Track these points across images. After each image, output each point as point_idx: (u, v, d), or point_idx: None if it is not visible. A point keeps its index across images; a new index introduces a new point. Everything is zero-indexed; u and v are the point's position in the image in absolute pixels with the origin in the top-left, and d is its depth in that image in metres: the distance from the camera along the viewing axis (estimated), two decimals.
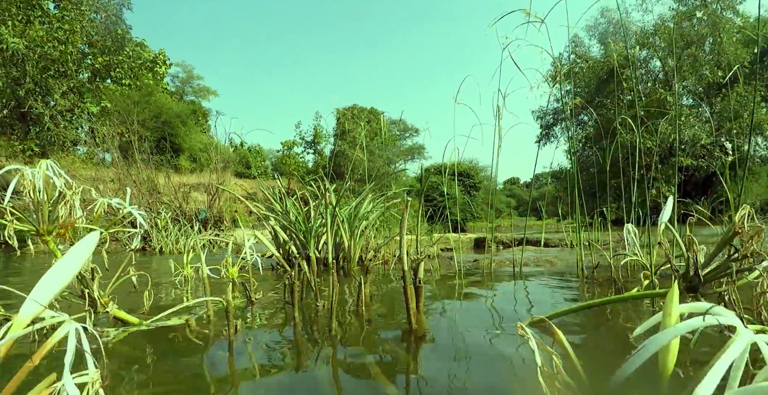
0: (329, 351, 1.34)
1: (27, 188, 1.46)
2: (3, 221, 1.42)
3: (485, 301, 2.17)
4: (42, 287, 0.59)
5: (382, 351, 1.35)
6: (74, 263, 0.62)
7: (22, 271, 4.41)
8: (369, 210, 3.64)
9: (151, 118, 12.30)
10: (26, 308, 0.57)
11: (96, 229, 1.58)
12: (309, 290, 2.49)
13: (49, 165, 1.45)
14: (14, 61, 8.39)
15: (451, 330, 1.61)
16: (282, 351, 1.36)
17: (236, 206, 8.77)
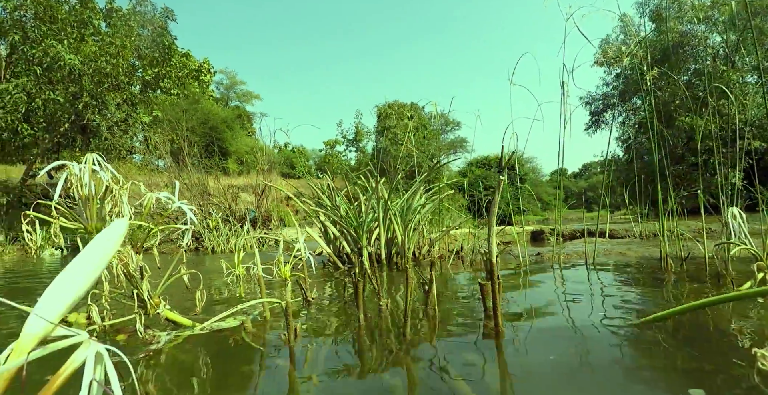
0: (401, 357, 1.17)
1: (74, 183, 1.38)
2: (49, 218, 1.34)
3: (563, 297, 1.93)
4: (53, 296, 0.45)
5: (460, 355, 1.17)
6: (97, 262, 0.47)
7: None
8: (422, 203, 3.45)
9: (199, 124, 12.66)
10: (31, 325, 0.43)
11: (146, 225, 1.49)
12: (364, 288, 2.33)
13: (95, 159, 1.37)
14: (72, 77, 8.82)
15: (534, 330, 1.39)
16: (347, 357, 1.20)
17: (283, 205, 8.84)
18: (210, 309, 1.87)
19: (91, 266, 0.47)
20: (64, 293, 0.45)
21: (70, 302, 0.45)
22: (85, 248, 0.48)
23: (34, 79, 8.77)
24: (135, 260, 1.31)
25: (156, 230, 1.51)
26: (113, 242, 0.49)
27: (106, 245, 0.49)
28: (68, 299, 0.45)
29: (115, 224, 0.50)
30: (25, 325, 0.43)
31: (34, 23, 9.22)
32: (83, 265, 0.47)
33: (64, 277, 0.46)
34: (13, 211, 10.58)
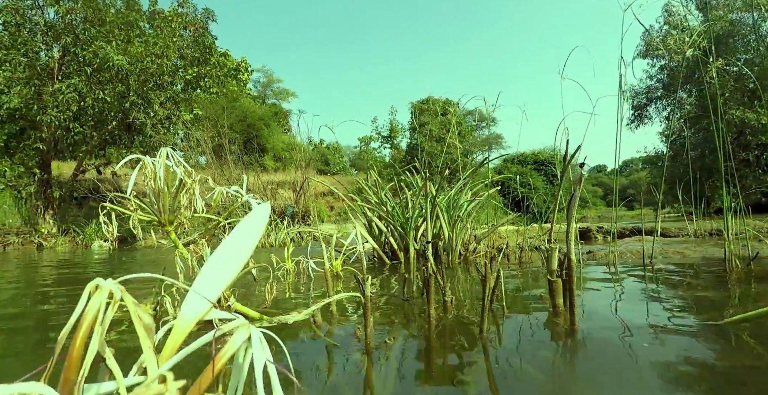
0: (475, 355, 1.14)
1: (148, 177, 1.41)
2: (127, 211, 1.38)
3: (627, 296, 1.85)
4: (207, 279, 0.44)
5: (537, 353, 1.13)
6: (247, 244, 0.47)
7: (135, 263, 4.73)
8: (468, 199, 3.39)
9: (238, 122, 12.97)
10: (189, 307, 0.43)
11: (215, 218, 1.52)
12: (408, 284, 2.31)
13: (169, 153, 1.40)
14: (119, 77, 9.16)
15: (605, 329, 1.34)
16: (421, 351, 1.18)
17: (320, 201, 8.94)
18: (274, 303, 1.89)
19: (240, 248, 0.47)
20: (218, 276, 0.45)
21: (224, 285, 0.45)
22: (232, 232, 0.48)
23: (84, 80, 9.17)
24: (209, 252, 1.33)
25: (224, 223, 1.53)
26: (259, 225, 0.49)
27: (252, 228, 0.48)
28: (223, 281, 0.45)
29: (259, 207, 0.50)
30: (183, 307, 0.43)
31: (84, 26, 9.64)
32: (233, 248, 0.47)
33: (215, 260, 0.46)
34: (65, 205, 11.14)
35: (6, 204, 10.66)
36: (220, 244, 0.47)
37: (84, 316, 0.35)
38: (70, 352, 0.35)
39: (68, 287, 2.89)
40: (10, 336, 1.54)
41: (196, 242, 1.36)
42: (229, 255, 0.46)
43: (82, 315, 0.36)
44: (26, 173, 10.28)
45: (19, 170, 10.25)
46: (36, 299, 2.33)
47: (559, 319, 1.48)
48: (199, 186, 1.45)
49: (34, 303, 2.21)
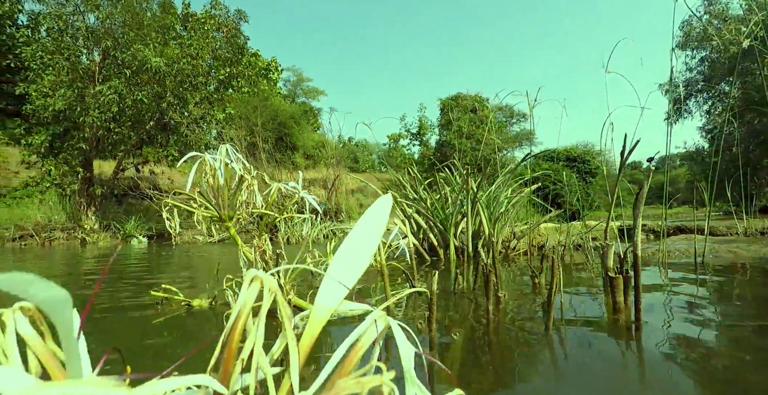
0: (542, 351, 1.12)
1: (207, 173, 1.44)
2: (191, 208, 1.42)
3: (683, 296, 1.78)
4: (339, 271, 0.45)
5: (602, 349, 1.10)
6: (374, 234, 0.47)
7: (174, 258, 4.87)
8: (508, 196, 3.35)
9: (269, 120, 13.18)
10: (324, 298, 0.43)
11: (271, 214, 1.54)
12: (447, 279, 2.30)
13: (228, 150, 1.42)
14: (157, 78, 9.43)
15: (673, 326, 1.29)
16: (483, 347, 1.17)
17: (350, 198, 9.00)
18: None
19: (368, 239, 0.47)
20: (349, 267, 0.45)
21: (356, 275, 0.45)
22: (357, 224, 0.48)
23: (123, 82, 9.49)
24: (271, 247, 1.36)
25: (281, 219, 1.55)
26: (384, 216, 0.49)
27: (377, 219, 0.48)
28: (355, 272, 0.45)
29: (382, 198, 0.50)
30: (318, 298, 0.43)
31: (122, 30, 9.97)
32: (360, 239, 0.47)
33: (345, 252, 0.46)
34: (106, 201, 11.57)
35: (51, 201, 11.16)
36: (348, 235, 0.47)
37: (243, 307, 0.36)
38: (229, 344, 0.35)
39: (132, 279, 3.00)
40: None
41: (259, 237, 1.38)
42: (357, 246, 0.46)
43: (243, 304, 0.36)
44: (70, 171, 10.72)
45: (63, 169, 10.69)
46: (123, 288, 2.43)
47: (621, 316, 1.45)
48: (256, 182, 1.48)
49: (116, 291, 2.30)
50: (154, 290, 1.73)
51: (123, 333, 1.49)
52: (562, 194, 13.32)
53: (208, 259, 4.73)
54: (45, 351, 0.35)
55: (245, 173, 1.42)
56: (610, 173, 6.25)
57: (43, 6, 10.30)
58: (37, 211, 10.53)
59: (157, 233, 10.39)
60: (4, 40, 14.24)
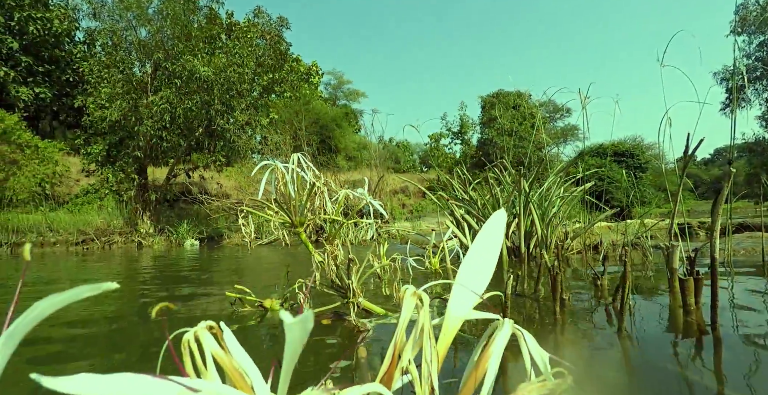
0: (617, 354, 1.12)
1: (280, 181, 1.52)
2: (267, 216, 1.50)
3: (757, 296, 1.71)
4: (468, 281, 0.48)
5: (682, 353, 1.09)
6: (494, 246, 0.51)
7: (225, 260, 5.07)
8: (560, 195, 3.29)
9: (311, 124, 13.51)
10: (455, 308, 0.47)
11: (339, 219, 1.60)
12: (502, 281, 2.29)
13: (299, 158, 1.49)
14: (205, 87, 9.82)
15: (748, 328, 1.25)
16: (562, 351, 1.18)
17: (393, 199, 9.06)
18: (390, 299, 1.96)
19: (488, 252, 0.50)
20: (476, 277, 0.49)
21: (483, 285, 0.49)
22: (477, 237, 0.52)
23: (174, 91, 9.96)
24: (343, 253, 1.41)
25: (348, 224, 1.62)
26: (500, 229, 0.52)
27: (495, 232, 0.52)
28: (482, 282, 0.49)
29: (497, 213, 0.54)
30: (449, 308, 0.47)
31: (172, 42, 10.46)
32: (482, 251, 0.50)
33: (468, 265, 0.50)
34: (160, 206, 12.17)
35: (110, 207, 11.84)
36: (470, 249, 0.51)
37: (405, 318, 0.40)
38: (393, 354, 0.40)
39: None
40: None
41: (331, 242, 1.44)
42: (480, 259, 0.50)
43: (405, 312, 0.41)
44: (126, 178, 11.34)
45: (120, 176, 11.33)
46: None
47: (693, 317, 1.42)
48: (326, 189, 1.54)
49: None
50: (229, 291, 1.83)
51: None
52: (611, 191, 12.86)
53: (258, 261, 4.90)
54: (232, 365, 0.40)
55: (316, 181, 1.48)
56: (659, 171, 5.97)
57: (99, 22, 10.95)
58: (96, 216, 11.21)
59: (207, 235, 10.83)
60: (63, 56, 15.27)
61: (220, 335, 0.42)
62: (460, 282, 0.48)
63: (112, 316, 1.97)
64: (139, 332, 1.65)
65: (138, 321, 1.84)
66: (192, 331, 0.41)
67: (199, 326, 0.42)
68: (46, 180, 12.42)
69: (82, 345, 1.45)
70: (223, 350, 0.42)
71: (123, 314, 2.03)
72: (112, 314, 2.02)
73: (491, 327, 0.46)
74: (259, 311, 1.84)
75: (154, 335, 1.51)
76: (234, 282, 2.98)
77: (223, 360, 0.40)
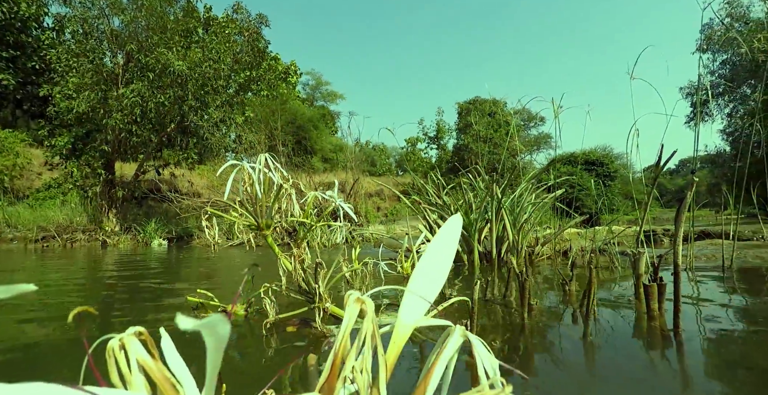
0: (581, 360, 1.13)
1: (246, 182, 1.47)
2: (231, 217, 1.45)
3: (718, 303, 1.76)
4: (419, 289, 0.47)
5: (649, 360, 1.10)
6: (447, 253, 0.49)
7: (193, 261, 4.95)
8: (531, 201, 3.33)
9: (287, 124, 13.32)
10: (406, 316, 0.45)
11: (308, 222, 1.57)
12: (469, 280, 2.30)
13: (267, 159, 1.45)
14: (179, 81, 9.59)
15: (710, 333, 1.28)
16: (526, 359, 1.18)
17: (368, 202, 9.03)
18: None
19: (442, 258, 0.49)
20: (428, 285, 0.47)
21: (436, 293, 0.47)
22: (431, 243, 0.50)
23: (146, 85, 9.68)
24: (311, 256, 1.38)
25: (319, 227, 1.58)
26: (455, 235, 0.51)
27: (449, 238, 0.50)
28: (434, 291, 0.47)
29: (452, 218, 0.52)
30: (399, 315, 0.45)
31: (147, 33, 10.17)
32: (435, 257, 0.49)
33: (421, 270, 0.48)
34: (127, 204, 11.79)
35: (73, 203, 11.40)
36: (423, 256, 0.49)
37: (346, 330, 0.38)
38: (333, 363, 0.37)
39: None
40: None
41: (299, 246, 1.41)
42: (434, 263, 0.48)
43: (347, 322, 0.38)
44: (92, 173, 10.94)
45: (85, 171, 10.92)
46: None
47: (657, 323, 1.45)
48: (294, 191, 1.50)
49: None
50: (191, 296, 1.77)
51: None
52: (581, 198, 13.18)
53: (228, 263, 4.80)
54: (161, 374, 0.37)
55: (283, 182, 1.45)
56: (628, 179, 6.15)
57: (69, 9, 10.55)
58: (59, 212, 10.75)
59: (176, 235, 10.55)
60: (30, 43, 14.63)
61: (151, 343, 0.39)
62: (412, 288, 0.46)
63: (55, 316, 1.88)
64: (82, 339, 1.57)
65: (90, 325, 1.76)
66: (117, 338, 0.37)
67: (126, 332, 0.38)
68: (6, 172, 11.88)
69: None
70: (154, 358, 0.38)
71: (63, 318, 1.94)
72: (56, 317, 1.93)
73: (444, 334, 0.44)
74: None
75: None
76: (200, 284, 2.90)
77: (152, 369, 0.37)
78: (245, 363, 1.22)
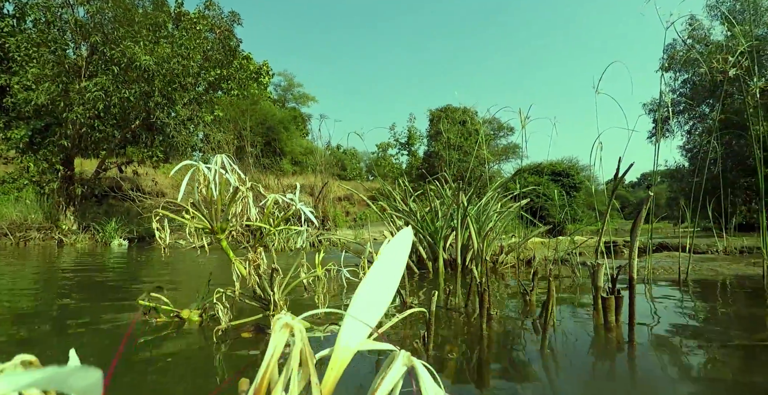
0: (539, 372, 1.12)
1: (201, 184, 1.41)
2: (183, 220, 1.38)
3: (671, 313, 1.80)
4: (361, 309, 0.43)
5: (599, 371, 1.10)
6: (395, 269, 0.46)
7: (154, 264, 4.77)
8: (497, 210, 3.36)
9: (257, 124, 13.10)
10: (346, 339, 0.41)
11: (266, 227, 1.51)
12: (433, 288, 2.29)
13: (224, 160, 1.39)
14: (145, 77, 9.29)
15: (663, 346, 1.30)
16: (483, 369, 1.16)
17: (337, 206, 8.96)
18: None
19: (390, 274, 0.45)
20: (373, 304, 0.43)
21: (380, 313, 0.44)
22: (378, 258, 0.47)
23: (111, 79, 9.32)
24: (266, 261, 1.32)
25: (274, 231, 1.53)
26: (405, 249, 0.47)
27: (398, 252, 0.47)
28: (378, 312, 0.43)
29: (403, 231, 0.49)
30: (339, 339, 0.41)
31: (113, 25, 9.82)
32: (381, 275, 0.45)
33: (367, 288, 0.44)
34: (86, 202, 11.30)
35: (29, 199, 10.83)
36: (369, 271, 0.45)
37: (272, 357, 0.34)
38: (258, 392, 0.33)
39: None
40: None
41: (254, 250, 1.35)
42: (379, 282, 0.45)
43: (273, 351, 0.34)
44: (50, 169, 10.44)
45: (42, 166, 10.41)
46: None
47: (613, 334, 1.46)
48: (251, 194, 1.45)
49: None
50: (142, 300, 1.68)
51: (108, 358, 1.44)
52: (546, 208, 13.48)
53: (191, 265, 4.65)
54: None
55: (240, 185, 1.39)
56: (595, 190, 6.32)
57: None
58: (12, 209, 10.19)
59: (138, 235, 10.17)
60: None
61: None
62: (354, 309, 0.42)
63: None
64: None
65: (43, 327, 1.64)
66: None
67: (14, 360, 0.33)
68: None
69: None
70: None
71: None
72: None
73: (388, 360, 0.41)
74: (176, 322, 1.70)
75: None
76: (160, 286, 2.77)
77: None
78: (190, 373, 1.15)
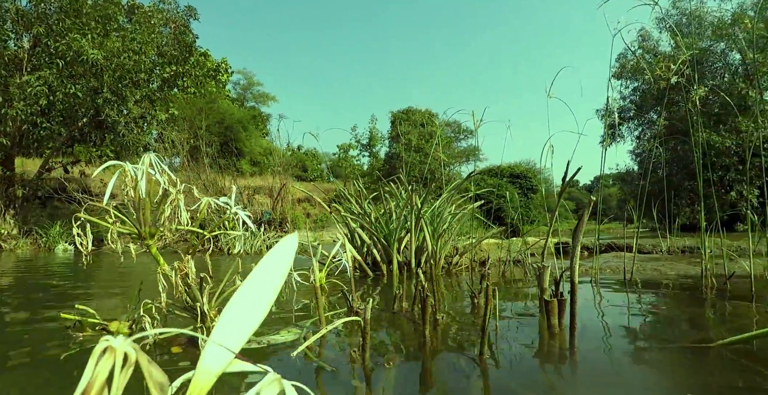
0: (476, 379, 1.10)
1: (128, 186, 1.32)
2: (105, 223, 1.28)
3: (614, 315, 1.84)
4: (230, 325, 0.38)
5: (536, 377, 1.10)
6: (273, 281, 0.41)
7: (101, 271, 4.52)
8: (452, 212, 3.37)
9: (215, 123, 12.70)
10: (210, 361, 0.37)
11: (199, 232, 1.43)
12: (389, 294, 2.26)
13: (152, 160, 1.30)
14: (93, 72, 8.84)
15: (604, 351, 1.32)
16: (421, 378, 1.13)
17: (297, 208, 8.81)
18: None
19: (266, 287, 0.41)
20: (242, 321, 0.39)
21: (250, 332, 0.39)
22: (255, 269, 0.42)
23: (55, 73, 8.81)
24: (194, 270, 1.25)
25: (209, 236, 1.45)
26: (287, 259, 0.43)
27: (279, 263, 0.42)
28: (248, 328, 0.39)
29: (287, 238, 0.44)
30: (202, 360, 0.37)
31: (58, 16, 9.28)
32: (257, 287, 0.41)
33: (238, 302, 0.39)
34: (28, 204, 10.62)
35: None
36: (243, 283, 0.41)
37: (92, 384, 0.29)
38: None
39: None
40: None
41: (181, 258, 1.27)
42: (253, 296, 0.40)
43: (89, 383, 0.29)
44: None
45: None
46: None
47: (556, 340, 1.46)
48: (183, 196, 1.36)
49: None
50: (65, 313, 1.55)
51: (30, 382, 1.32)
52: (503, 209, 13.79)
53: (140, 269, 4.43)
54: None
55: (170, 187, 1.31)
56: (549, 192, 6.48)
57: None
58: None
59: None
60: None
61: None
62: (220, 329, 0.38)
63: None
64: None
65: None
66: None
67: None
68: None
69: None
70: None
71: None
72: None
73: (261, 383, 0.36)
74: (102, 336, 1.59)
75: None
76: (98, 296, 2.61)
77: None
78: None
